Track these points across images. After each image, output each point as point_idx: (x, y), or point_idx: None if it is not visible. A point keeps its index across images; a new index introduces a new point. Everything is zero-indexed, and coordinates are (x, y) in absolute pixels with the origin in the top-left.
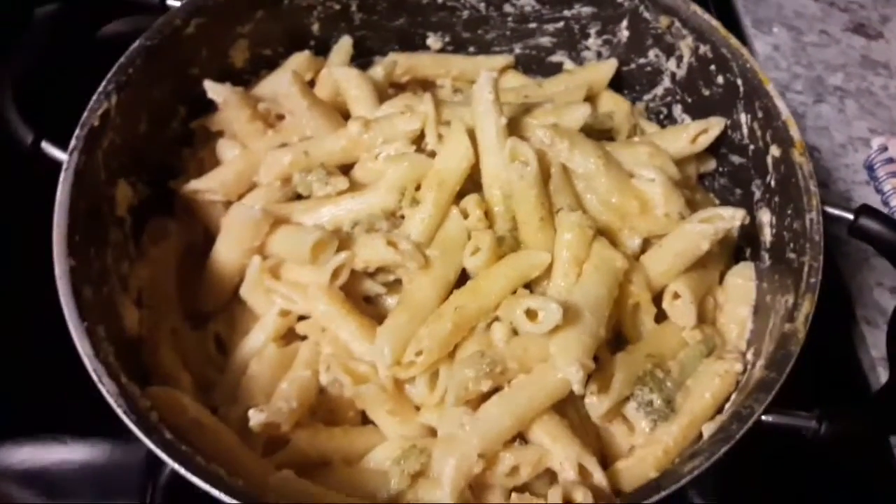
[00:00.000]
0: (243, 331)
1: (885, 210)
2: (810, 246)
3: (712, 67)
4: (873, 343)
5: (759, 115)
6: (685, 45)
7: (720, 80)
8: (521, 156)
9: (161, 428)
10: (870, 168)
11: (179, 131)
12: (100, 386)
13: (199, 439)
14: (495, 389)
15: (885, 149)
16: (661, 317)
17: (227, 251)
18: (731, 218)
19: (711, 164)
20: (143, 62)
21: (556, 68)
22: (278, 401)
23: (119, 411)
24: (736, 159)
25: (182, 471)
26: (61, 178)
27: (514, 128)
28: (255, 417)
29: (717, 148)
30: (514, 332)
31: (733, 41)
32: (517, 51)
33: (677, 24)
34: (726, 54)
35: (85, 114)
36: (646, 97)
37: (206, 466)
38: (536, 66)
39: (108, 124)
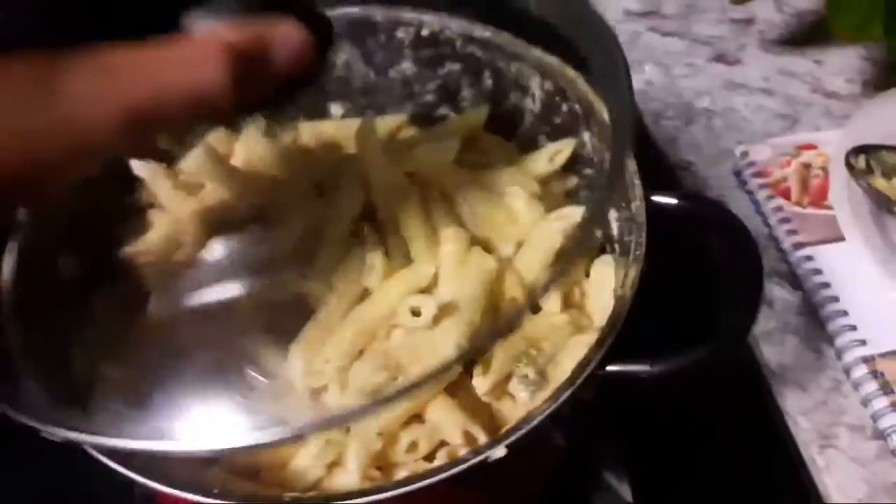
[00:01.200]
0: None
1: (753, 206)
2: (636, 227)
3: (557, 98)
4: None
5: (595, 130)
6: (534, 84)
7: (564, 107)
8: (401, 187)
9: None
10: (737, 173)
11: (114, 206)
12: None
13: None
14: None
15: (746, 154)
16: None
17: (159, 306)
18: (574, 214)
19: (573, 181)
20: None
21: (443, 120)
22: None
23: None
24: (588, 171)
25: (124, 471)
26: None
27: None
28: None
29: (575, 166)
30: None
31: (568, 71)
32: (409, 110)
33: (524, 67)
34: (563, 85)
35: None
36: (518, 133)
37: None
38: (426, 121)
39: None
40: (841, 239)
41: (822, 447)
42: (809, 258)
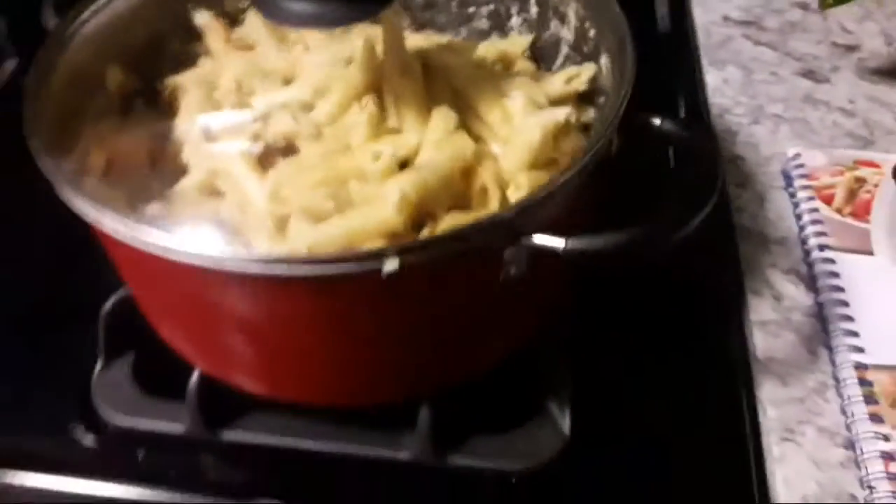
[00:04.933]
0: None
1: (791, 208)
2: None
3: (586, 24)
4: (754, 308)
5: (612, 56)
6: (571, 10)
7: (591, 34)
8: (408, 66)
9: None
10: (785, 175)
11: (175, 51)
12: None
13: None
14: None
15: (799, 156)
16: None
17: (181, 127)
18: (557, 113)
19: (591, 114)
20: None
21: None
22: None
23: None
24: (601, 100)
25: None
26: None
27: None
28: None
29: (593, 99)
30: None
31: None
32: (463, 34)
33: None
34: (594, 9)
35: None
36: (554, 66)
37: None
38: None
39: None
40: (869, 253)
41: (782, 439)
42: (831, 261)
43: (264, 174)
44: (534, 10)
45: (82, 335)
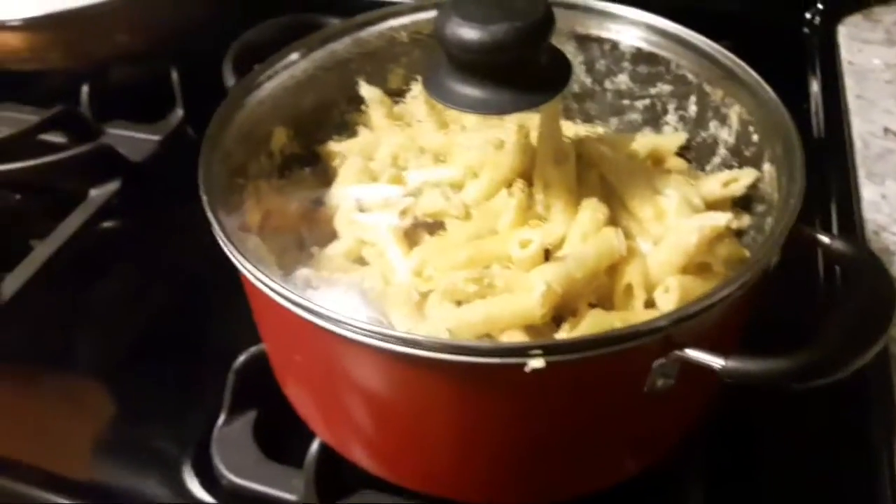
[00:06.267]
0: None
1: None
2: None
3: (750, 128)
4: None
5: (776, 162)
6: (734, 112)
7: (755, 138)
8: (563, 154)
9: None
10: None
11: (337, 118)
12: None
13: None
14: None
15: None
16: None
17: (336, 194)
18: (719, 217)
19: (745, 220)
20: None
21: None
22: None
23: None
24: (760, 208)
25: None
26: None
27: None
28: None
29: (749, 204)
30: None
31: (767, 94)
32: (613, 126)
33: (731, 87)
34: (759, 111)
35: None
36: (708, 167)
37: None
38: None
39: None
40: None
41: None
42: None
43: (410, 249)
44: (692, 108)
45: (209, 384)
